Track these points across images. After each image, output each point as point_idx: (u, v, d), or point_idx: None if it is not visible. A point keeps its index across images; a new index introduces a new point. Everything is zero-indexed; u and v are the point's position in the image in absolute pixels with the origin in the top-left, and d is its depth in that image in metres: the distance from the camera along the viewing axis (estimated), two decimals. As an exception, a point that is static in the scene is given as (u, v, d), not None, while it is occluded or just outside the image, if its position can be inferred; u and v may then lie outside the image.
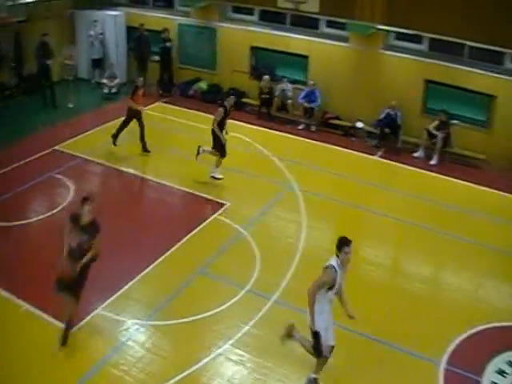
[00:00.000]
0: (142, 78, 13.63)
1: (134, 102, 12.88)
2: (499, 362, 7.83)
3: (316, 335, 6.90)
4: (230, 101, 12.05)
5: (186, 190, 11.94)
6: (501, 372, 7.66)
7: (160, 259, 9.49)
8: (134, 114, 13.00)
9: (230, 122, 12.26)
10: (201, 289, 8.96)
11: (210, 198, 11.65)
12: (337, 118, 15.52)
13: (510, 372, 7.66)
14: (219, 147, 11.83)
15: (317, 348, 6.97)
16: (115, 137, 13.20)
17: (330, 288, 6.81)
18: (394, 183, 12.79)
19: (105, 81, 16.97)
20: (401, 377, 7.52)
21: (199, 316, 8.29)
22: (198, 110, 15.31)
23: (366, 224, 11.54)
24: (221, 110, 11.74)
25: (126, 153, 13.19)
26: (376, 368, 7.57)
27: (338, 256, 6.77)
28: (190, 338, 8.01)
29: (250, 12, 16.99)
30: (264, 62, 16.72)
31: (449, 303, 9.06)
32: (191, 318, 8.23)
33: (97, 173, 12.82)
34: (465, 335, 8.27)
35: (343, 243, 6.74)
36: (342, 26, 15.32)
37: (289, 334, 7.33)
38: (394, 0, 13.77)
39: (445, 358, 7.83)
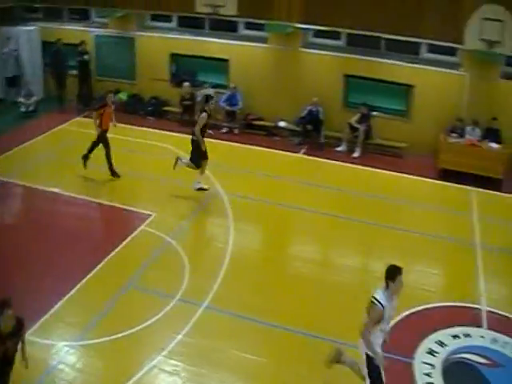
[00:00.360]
0: (111, 94, 12.71)
1: (101, 123, 12.08)
2: (429, 342, 8.04)
3: (373, 361, 6.46)
4: (210, 106, 11.77)
5: (111, 204, 11.70)
6: (431, 352, 7.87)
7: (87, 277, 9.22)
8: (103, 135, 12.26)
9: (152, 131, 12.15)
10: (131, 303, 8.78)
11: (135, 210, 11.46)
12: (259, 119, 15.62)
13: (440, 351, 7.87)
14: (197, 158, 11.59)
15: (373, 374, 6.50)
16: (111, 170, 12.44)
17: (378, 321, 6.39)
18: (319, 179, 12.92)
19: (21, 99, 16.37)
20: (336, 369, 7.57)
21: (131, 330, 8.10)
22: (119, 122, 15.03)
23: (294, 221, 11.61)
24: (204, 115, 11.44)
25: (46, 172, 12.82)
26: (311, 362, 7.61)
27: (387, 286, 6.19)
28: (122, 354, 7.82)
29: (168, 19, 16.90)
30: (185, 68, 16.66)
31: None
32: (123, 334, 8.04)
33: (18, 194, 12.36)
34: (395, 320, 8.39)
35: (397, 272, 6.16)
36: (260, 27, 15.44)
37: (336, 360, 7.04)
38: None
39: (377, 345, 8.01)
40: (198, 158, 11.58)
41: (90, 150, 12.43)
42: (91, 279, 9.23)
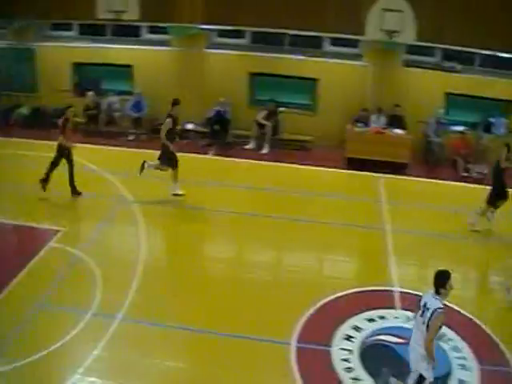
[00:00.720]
0: (72, 108, 12.01)
1: (64, 138, 11.43)
2: (345, 328, 8.16)
3: (423, 380, 6.27)
4: (175, 110, 11.82)
5: (16, 222, 11.09)
6: (348, 338, 7.99)
7: (-7, 303, 8.80)
8: (63, 152, 11.55)
9: (55, 144, 11.76)
10: (43, 323, 8.38)
11: (42, 226, 10.98)
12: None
13: (357, 335, 8.02)
14: (167, 160, 11.62)
15: None
16: (45, 181, 11.66)
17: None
18: (229, 178, 12.94)
19: None
20: (256, 365, 7.55)
21: (45, 352, 7.72)
22: (22, 137, 14.42)
23: (207, 223, 11.51)
24: (168, 120, 11.51)
25: None
26: (235, 362, 7.58)
27: (439, 293, 6.11)
28: (37, 378, 7.43)
29: (68, 28, 16.43)
30: (88, 77, 16.29)
31: (294, 283, 9.32)
32: (36, 356, 7.65)
33: None
34: (312, 310, 8.52)
35: (448, 277, 6.10)
36: (164, 31, 15.32)
37: None
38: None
39: (295, 336, 8.00)
40: (170, 159, 11.74)
41: (71, 179, 11.79)
42: (-1, 303, 8.82)
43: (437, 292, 6.11)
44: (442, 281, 6.10)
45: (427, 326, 6.11)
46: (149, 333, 8.20)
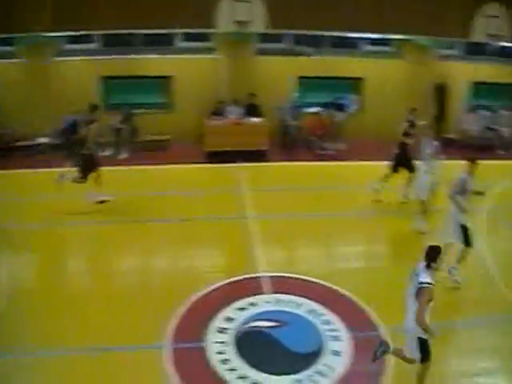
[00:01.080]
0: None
1: None
2: (218, 321, 8.20)
3: (426, 342, 6.47)
4: (96, 115, 11.58)
5: None
6: (221, 330, 8.04)
7: None
8: None
9: None
10: None
11: None
12: (17, 140, 14.57)
13: (230, 326, 8.08)
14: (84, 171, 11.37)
15: (425, 354, 6.54)
16: None
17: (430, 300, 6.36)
18: (87, 188, 11.85)
19: None
20: (135, 375, 7.29)
21: None
22: None
23: (69, 237, 11.07)
24: (93, 125, 11.34)
25: None
26: (109, 378, 7.25)
27: (429, 266, 6.37)
28: None
29: None
30: None
31: (164, 285, 9.25)
32: None
33: None
34: (183, 309, 8.46)
35: (439, 252, 6.42)
36: (9, 42, 14.56)
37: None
38: (59, 5, 13.45)
39: (170, 338, 7.91)
40: (86, 170, 11.37)
41: None
42: None
43: (428, 266, 6.40)
44: (433, 255, 6.41)
45: (416, 295, 6.37)
46: (16, 365, 7.65)
